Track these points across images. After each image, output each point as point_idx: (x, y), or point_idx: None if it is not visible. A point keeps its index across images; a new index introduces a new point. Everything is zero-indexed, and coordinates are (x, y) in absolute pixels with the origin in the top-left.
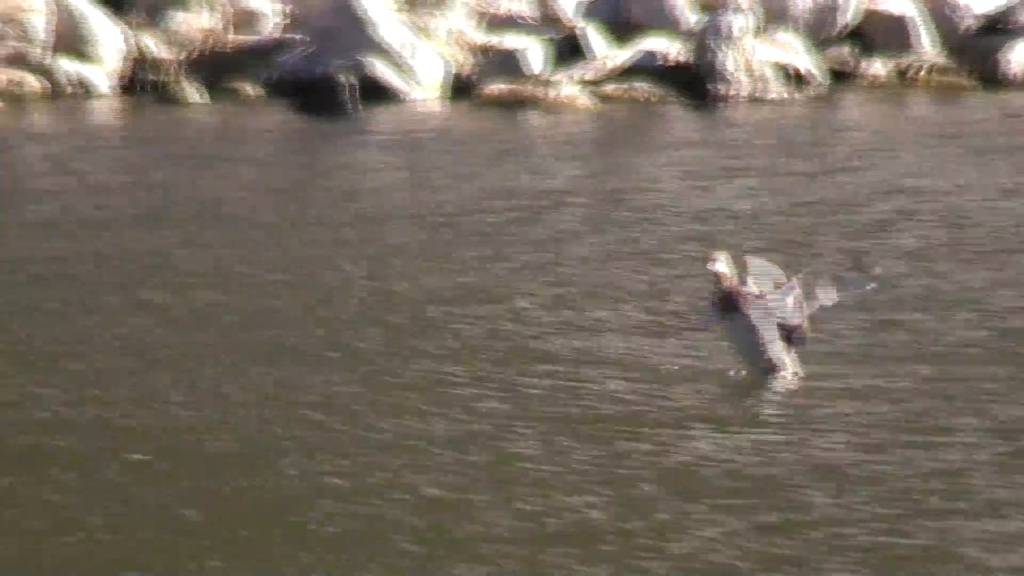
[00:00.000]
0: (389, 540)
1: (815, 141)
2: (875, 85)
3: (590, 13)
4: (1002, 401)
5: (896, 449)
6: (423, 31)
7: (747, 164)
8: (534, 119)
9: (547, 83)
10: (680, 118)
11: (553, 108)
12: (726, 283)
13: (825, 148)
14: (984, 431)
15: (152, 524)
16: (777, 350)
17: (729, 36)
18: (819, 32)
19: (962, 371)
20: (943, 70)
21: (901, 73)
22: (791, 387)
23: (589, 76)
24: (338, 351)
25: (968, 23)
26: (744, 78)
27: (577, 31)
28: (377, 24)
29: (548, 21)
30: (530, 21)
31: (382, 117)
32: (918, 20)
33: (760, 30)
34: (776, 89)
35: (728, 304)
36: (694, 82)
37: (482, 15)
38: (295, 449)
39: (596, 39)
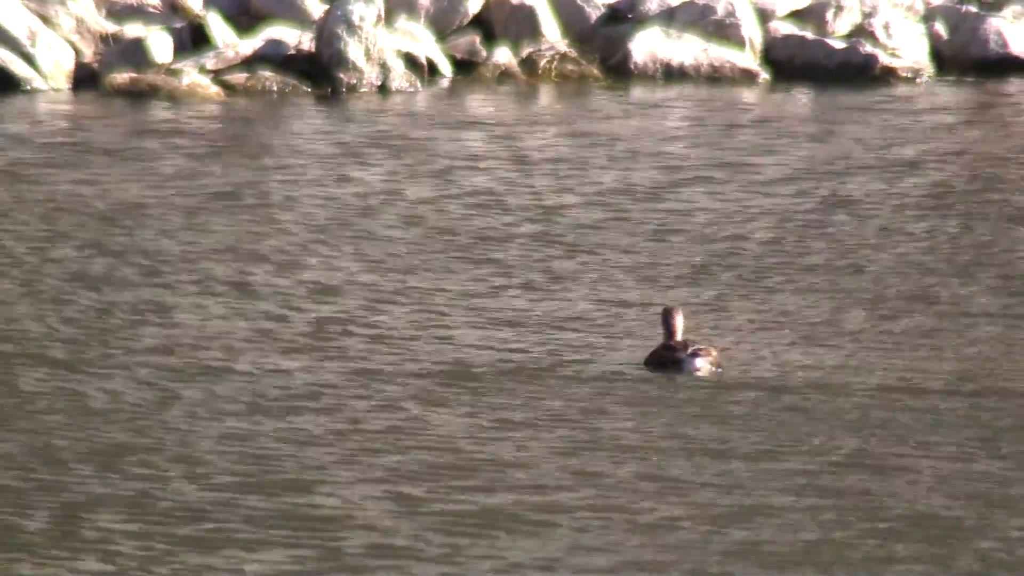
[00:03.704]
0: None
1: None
2: (502, 75)
3: (214, 1)
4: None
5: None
6: (47, 19)
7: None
8: (157, 111)
9: (172, 72)
10: (301, 110)
11: (179, 98)
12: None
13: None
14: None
15: None
16: None
17: (352, 24)
18: (444, 20)
19: None
20: (570, 59)
21: (527, 62)
22: None
23: (214, 65)
24: None
25: (594, 11)
26: (369, 68)
27: (202, 19)
28: None
29: (172, 9)
30: (154, 9)
31: (3, 108)
32: (543, 8)
33: (384, 19)
34: (402, 79)
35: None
36: (321, 71)
37: (106, 3)
38: None
39: (221, 27)
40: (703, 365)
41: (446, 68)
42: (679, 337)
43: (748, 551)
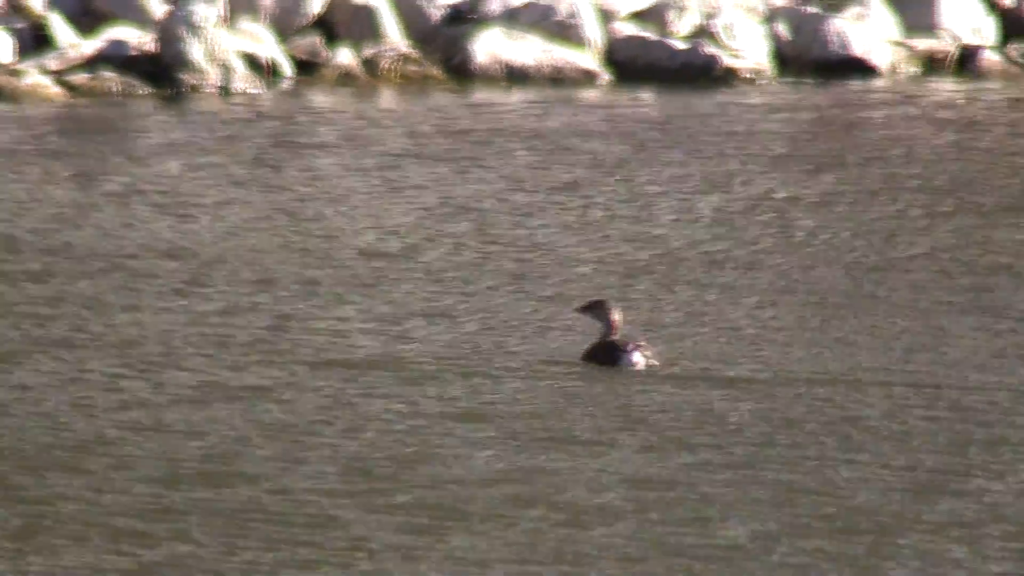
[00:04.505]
0: None
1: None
2: (344, 76)
3: (56, 2)
4: None
5: None
6: None
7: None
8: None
9: (14, 72)
10: (141, 112)
11: (20, 98)
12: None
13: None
14: None
15: None
16: None
17: (194, 25)
18: (286, 22)
19: None
20: (412, 60)
21: (369, 63)
22: None
23: (56, 66)
24: None
25: (436, 12)
26: (211, 68)
27: (43, 19)
28: None
29: (14, 9)
30: None
31: None
32: (385, 9)
33: (226, 20)
34: (244, 80)
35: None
36: (163, 72)
37: None
38: None
39: (62, 28)
40: (640, 360)
41: (288, 69)
42: (617, 333)
43: (693, 544)
